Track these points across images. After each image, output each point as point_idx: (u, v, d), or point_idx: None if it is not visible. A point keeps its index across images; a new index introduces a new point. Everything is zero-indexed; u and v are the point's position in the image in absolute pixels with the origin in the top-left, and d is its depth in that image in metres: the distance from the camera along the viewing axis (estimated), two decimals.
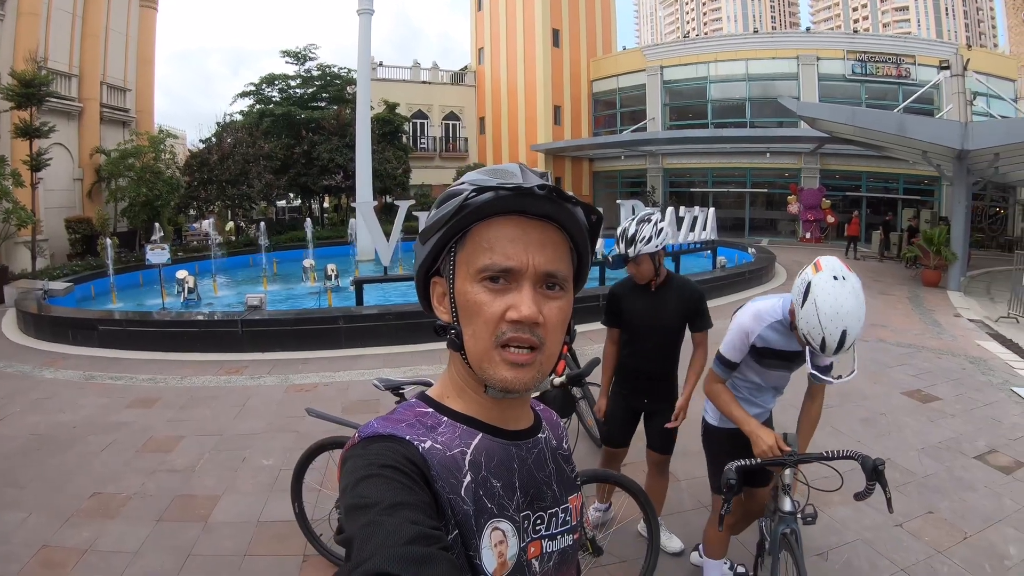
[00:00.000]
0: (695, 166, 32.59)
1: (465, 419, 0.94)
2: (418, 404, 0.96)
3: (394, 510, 0.73)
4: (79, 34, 21.68)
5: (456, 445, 0.90)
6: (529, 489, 0.96)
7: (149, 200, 20.40)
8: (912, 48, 29.49)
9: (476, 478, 0.89)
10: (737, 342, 2.77)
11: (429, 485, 0.83)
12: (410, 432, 0.88)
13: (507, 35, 36.29)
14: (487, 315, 0.88)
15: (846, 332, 2.34)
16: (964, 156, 14.10)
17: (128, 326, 8.78)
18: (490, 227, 0.89)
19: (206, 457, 4.86)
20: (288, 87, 28.44)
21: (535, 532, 0.96)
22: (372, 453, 0.83)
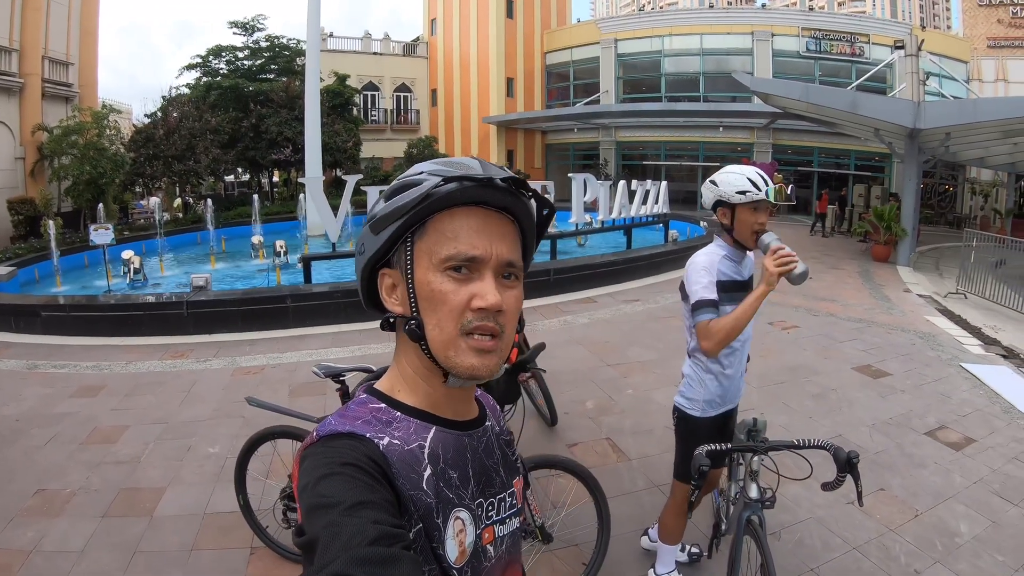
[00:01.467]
0: (648, 139, 32.82)
1: (418, 413, 0.94)
2: (370, 400, 0.95)
3: (356, 510, 0.73)
4: (19, 6, 20.76)
5: (413, 439, 0.90)
6: (481, 477, 0.98)
7: (93, 178, 19.69)
8: (866, 27, 29.83)
9: (435, 470, 0.90)
10: (707, 279, 2.71)
11: (390, 482, 0.83)
12: (368, 429, 0.88)
13: (460, 6, 35.84)
14: (452, 304, 0.89)
15: (759, 173, 2.66)
16: (916, 135, 14.37)
17: (72, 311, 8.50)
18: (453, 217, 0.90)
19: (151, 447, 4.79)
20: (236, 59, 27.64)
21: (487, 518, 0.98)
22: (332, 451, 0.83)
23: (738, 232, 2.73)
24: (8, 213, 19.00)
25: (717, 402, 2.90)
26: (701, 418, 2.91)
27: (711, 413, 2.90)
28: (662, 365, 6.64)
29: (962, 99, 22.65)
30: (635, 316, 8.87)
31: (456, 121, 36.93)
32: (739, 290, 2.77)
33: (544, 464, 3.14)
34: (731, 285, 2.76)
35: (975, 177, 29.21)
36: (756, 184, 2.63)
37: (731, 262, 2.77)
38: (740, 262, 2.81)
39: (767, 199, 2.64)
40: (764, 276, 2.53)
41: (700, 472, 2.26)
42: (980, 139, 15.64)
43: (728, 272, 2.75)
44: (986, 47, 29.65)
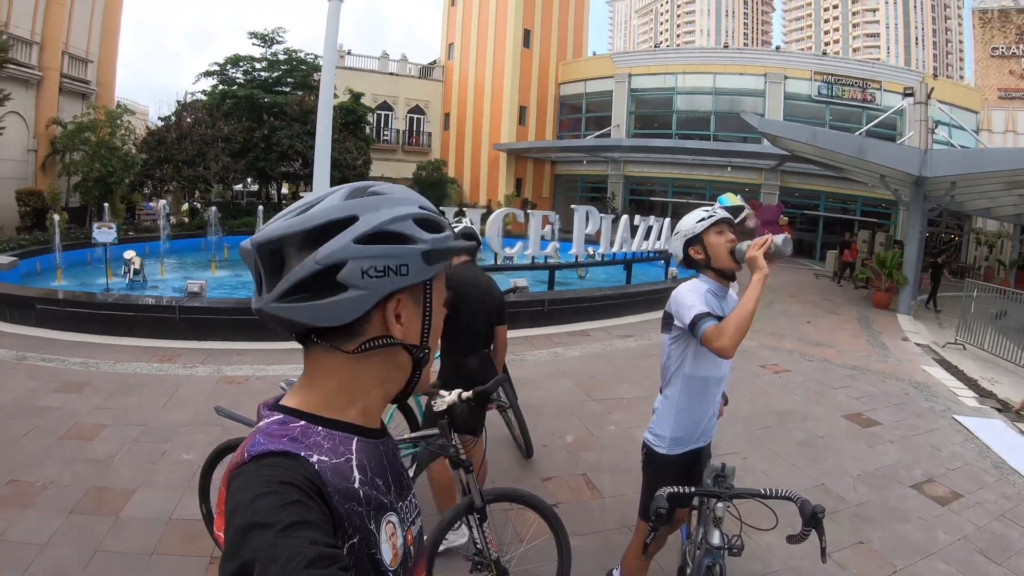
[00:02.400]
0: (657, 175, 32.99)
1: (338, 425, 0.94)
2: (289, 419, 0.92)
3: (293, 530, 0.72)
4: (44, 0, 20.94)
5: (340, 453, 0.91)
6: (396, 481, 1.01)
7: (102, 176, 19.80)
8: (879, 74, 30.22)
9: (365, 479, 0.92)
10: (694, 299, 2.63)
11: (325, 500, 0.82)
12: (299, 447, 0.87)
13: (478, 32, 36.27)
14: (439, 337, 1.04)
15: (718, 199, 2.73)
16: (922, 183, 14.37)
17: (66, 306, 8.51)
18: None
19: (127, 448, 4.76)
20: (253, 69, 27.86)
21: (407, 521, 1.01)
22: (265, 470, 0.82)
23: (715, 259, 2.72)
24: (16, 204, 19.13)
25: (684, 439, 2.82)
26: (666, 455, 2.83)
27: (677, 451, 2.82)
28: (648, 403, 6.43)
29: (969, 149, 22.73)
30: (627, 351, 8.81)
31: (467, 146, 37.19)
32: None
33: (503, 497, 3.08)
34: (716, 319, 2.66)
35: (980, 227, 29.30)
36: (707, 210, 2.76)
37: (714, 297, 2.71)
38: (724, 297, 2.76)
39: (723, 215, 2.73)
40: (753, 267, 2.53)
41: (657, 514, 2.20)
42: (986, 189, 15.63)
43: (711, 306, 2.64)
44: (997, 98, 29.96)
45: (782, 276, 21.14)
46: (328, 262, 0.88)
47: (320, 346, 0.95)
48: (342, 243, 0.89)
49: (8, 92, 16.95)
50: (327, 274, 0.89)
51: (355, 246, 0.89)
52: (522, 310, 9.67)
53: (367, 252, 0.90)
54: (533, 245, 11.83)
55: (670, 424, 2.81)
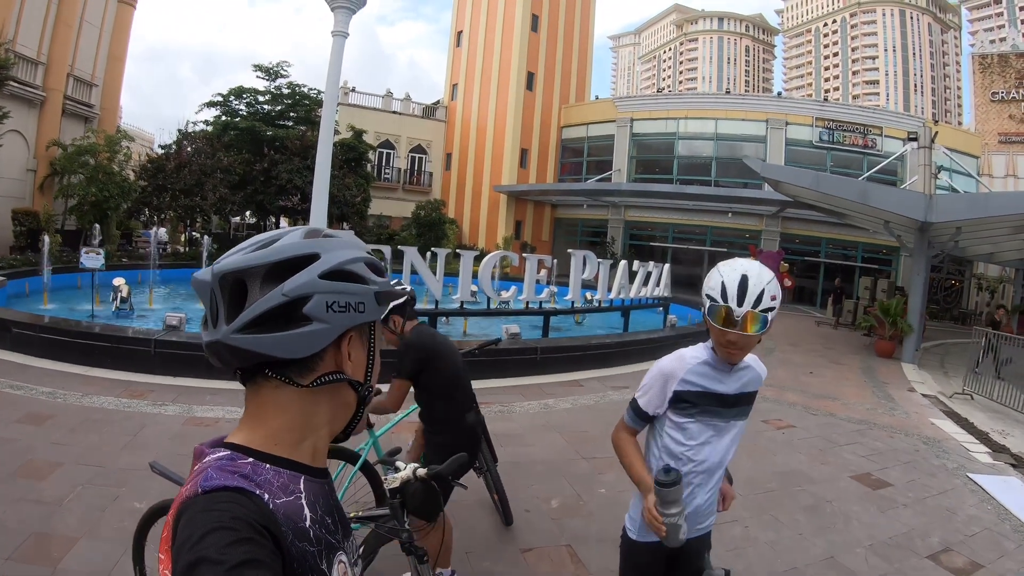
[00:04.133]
0: (657, 220, 32.96)
1: (287, 463, 0.94)
2: (237, 456, 0.92)
3: (242, 569, 0.71)
4: (52, 21, 21.22)
5: (290, 491, 0.91)
6: (341, 521, 1.02)
7: (99, 200, 19.65)
8: (880, 120, 30.45)
9: (315, 518, 0.92)
10: (654, 386, 2.31)
11: (277, 540, 0.82)
12: (251, 484, 0.86)
13: (482, 73, 36.54)
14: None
15: (746, 276, 2.10)
16: (926, 228, 14.19)
17: (42, 332, 8.22)
18: None
19: (78, 491, 4.43)
20: (256, 102, 27.98)
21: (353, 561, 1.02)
22: (218, 505, 0.81)
23: (714, 341, 2.26)
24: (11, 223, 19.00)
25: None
26: (638, 541, 2.42)
27: (649, 539, 2.35)
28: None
29: (974, 193, 22.64)
30: (621, 405, 8.25)
31: (468, 187, 37.21)
32: (716, 404, 2.29)
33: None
34: (702, 397, 2.28)
35: (982, 273, 29.24)
36: (725, 293, 2.12)
37: (711, 369, 2.28)
38: (727, 372, 2.29)
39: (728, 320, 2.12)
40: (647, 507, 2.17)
41: None
42: (990, 234, 15.52)
43: (700, 382, 2.27)
44: (997, 142, 30.11)
45: (782, 323, 20.82)
46: (295, 294, 0.91)
47: (271, 381, 0.96)
48: (309, 277, 0.92)
49: (7, 110, 16.87)
50: (293, 307, 0.91)
51: (321, 281, 0.93)
52: (514, 358, 9.35)
53: (332, 287, 0.93)
54: (528, 289, 11.55)
55: (633, 503, 2.45)
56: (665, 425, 2.34)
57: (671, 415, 2.31)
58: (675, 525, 2.07)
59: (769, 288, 2.10)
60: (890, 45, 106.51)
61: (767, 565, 4.16)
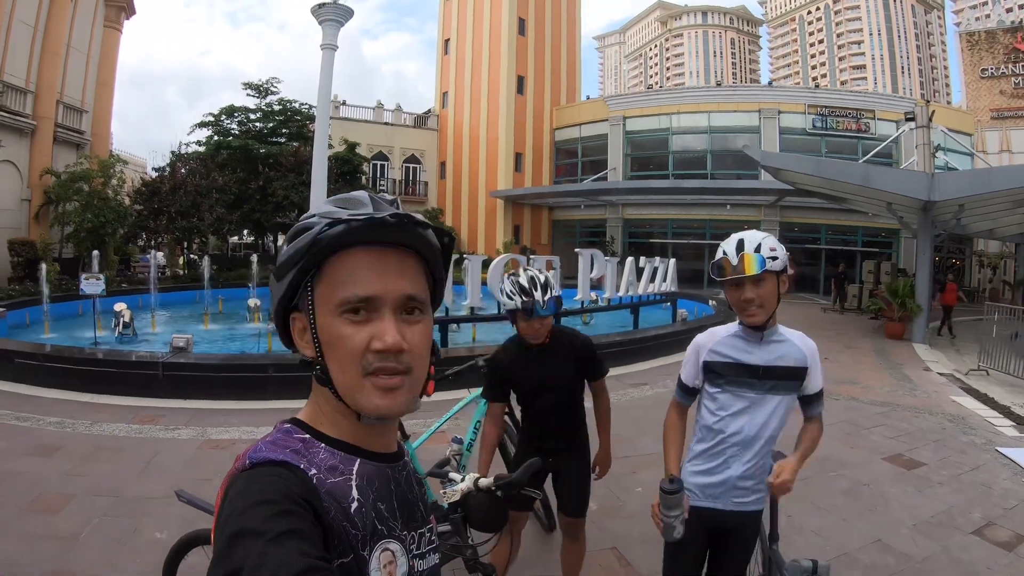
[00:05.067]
0: (655, 217, 32.83)
1: (341, 444, 0.93)
2: (295, 430, 0.93)
3: (283, 539, 0.72)
4: (39, 49, 21.14)
5: (340, 471, 0.90)
6: (404, 510, 0.98)
7: (95, 227, 19.54)
8: (872, 103, 30.60)
9: (365, 502, 0.90)
10: (690, 359, 2.50)
11: (318, 514, 0.82)
12: (299, 460, 0.87)
13: (472, 80, 36.47)
14: (351, 347, 0.89)
15: (743, 240, 2.29)
16: (930, 207, 14.15)
17: (46, 361, 8.05)
18: (346, 259, 0.90)
19: (95, 523, 4.23)
20: (248, 120, 27.91)
21: (410, 552, 0.96)
22: (263, 478, 0.82)
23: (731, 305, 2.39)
24: (8, 254, 18.88)
25: (696, 493, 2.50)
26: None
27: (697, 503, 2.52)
28: None
29: (976, 169, 22.65)
30: (643, 402, 8.31)
31: (464, 194, 37.10)
32: (744, 375, 2.39)
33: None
34: (731, 368, 2.40)
35: (982, 250, 29.22)
36: (726, 252, 2.31)
37: (741, 341, 2.41)
38: (757, 343, 2.39)
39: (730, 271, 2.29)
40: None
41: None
42: (991, 210, 15.53)
43: (729, 352, 2.40)
44: (989, 119, 30.17)
45: (789, 310, 20.72)
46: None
47: None
48: None
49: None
50: None
51: None
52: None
53: None
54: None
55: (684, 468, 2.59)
56: (702, 396, 2.51)
57: (706, 386, 2.47)
58: (671, 526, 2.29)
59: (767, 241, 2.28)
60: (875, 28, 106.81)
61: (818, 552, 4.05)
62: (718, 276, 2.31)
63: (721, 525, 2.51)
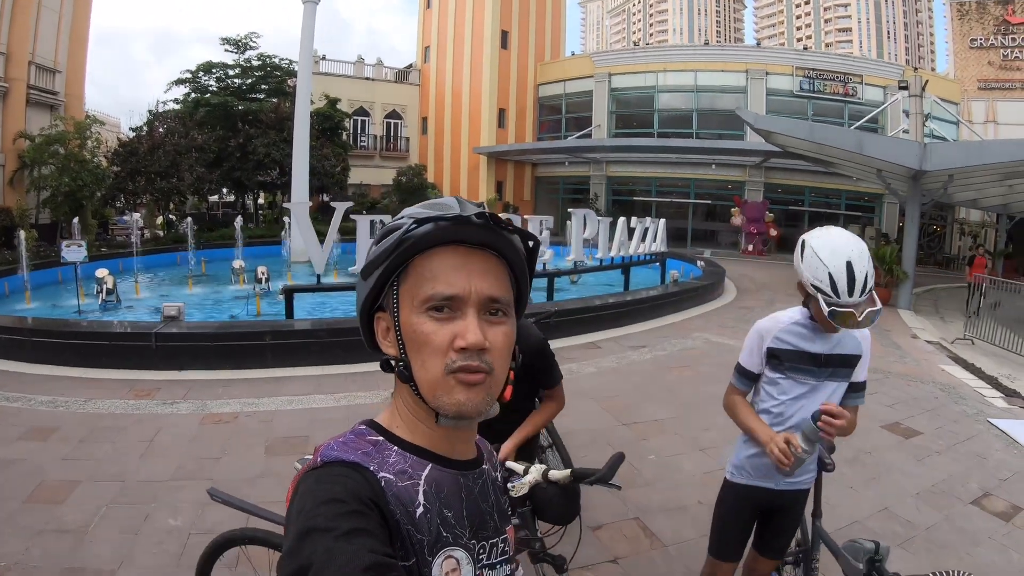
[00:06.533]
0: (639, 175, 32.66)
1: (414, 449, 0.94)
2: (369, 432, 0.95)
3: (352, 536, 0.73)
4: (9, 7, 20.22)
5: (409, 476, 0.90)
6: (475, 519, 0.97)
7: (73, 191, 19.02)
8: (860, 68, 30.48)
9: (431, 508, 0.90)
10: (752, 345, 2.53)
11: (385, 515, 0.83)
12: (369, 461, 0.88)
13: (455, 34, 35.69)
14: (435, 344, 0.89)
15: (851, 264, 2.20)
16: (920, 176, 14.19)
17: (32, 335, 7.74)
18: (431, 258, 0.92)
19: (103, 512, 4.04)
20: (226, 76, 27.14)
21: (478, 562, 0.96)
22: (333, 477, 0.84)
23: (813, 314, 2.36)
24: None
25: (748, 471, 2.59)
26: (730, 481, 2.67)
27: (739, 480, 2.62)
28: (682, 425, 6.09)
29: (968, 141, 22.69)
30: (643, 365, 8.33)
31: (446, 150, 36.60)
32: (809, 363, 2.42)
33: None
34: (795, 355, 2.43)
35: (964, 218, 29.46)
36: (836, 288, 2.20)
37: (804, 329, 2.44)
38: (819, 332, 2.42)
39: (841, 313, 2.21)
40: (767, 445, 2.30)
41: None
42: (977, 181, 15.58)
43: (793, 341, 2.43)
44: (976, 88, 30.14)
45: (775, 272, 20.94)
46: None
47: None
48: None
49: None
50: None
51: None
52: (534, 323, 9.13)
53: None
54: None
55: (738, 448, 2.67)
56: (762, 381, 2.54)
57: (767, 371, 2.50)
58: (801, 460, 2.19)
59: (869, 268, 2.23)
60: None
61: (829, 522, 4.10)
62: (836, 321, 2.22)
63: (772, 503, 2.59)
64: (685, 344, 9.63)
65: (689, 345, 9.58)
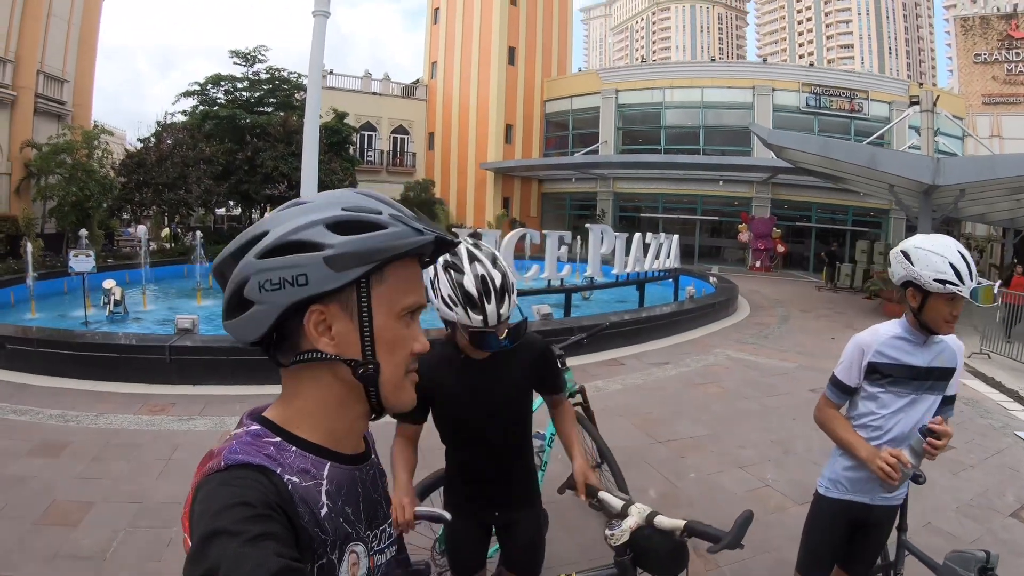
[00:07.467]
0: (646, 191, 32.60)
1: (312, 447, 0.93)
2: (265, 433, 0.92)
3: (259, 541, 0.72)
4: (19, 16, 20.21)
5: (311, 475, 0.90)
6: (368, 510, 1.00)
7: (80, 200, 18.93)
8: (865, 84, 30.58)
9: (334, 506, 0.91)
10: (852, 359, 2.50)
11: (291, 520, 0.83)
12: (274, 464, 0.87)
13: (462, 50, 35.77)
14: (408, 349, 0.95)
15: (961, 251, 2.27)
16: (932, 191, 14.14)
17: (41, 346, 7.54)
18: (407, 266, 0.94)
19: (121, 536, 3.79)
20: (235, 89, 27.15)
21: (371, 549, 0.99)
22: (238, 480, 0.82)
23: (928, 318, 2.34)
24: None
25: (843, 486, 2.56)
26: (824, 496, 2.63)
27: (834, 495, 2.58)
28: (717, 442, 5.94)
29: (980, 156, 22.68)
30: (669, 381, 8.21)
31: (453, 165, 36.54)
32: (911, 377, 2.41)
33: None
34: (897, 369, 2.42)
35: (970, 232, 29.41)
36: (959, 274, 2.24)
37: (905, 343, 2.43)
38: (921, 344, 2.41)
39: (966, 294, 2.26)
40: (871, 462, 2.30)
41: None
42: (988, 195, 15.56)
43: (895, 355, 2.42)
44: (981, 104, 30.23)
45: (784, 288, 20.83)
46: (236, 280, 0.88)
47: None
48: (247, 260, 0.88)
49: None
50: (240, 291, 0.88)
51: (256, 261, 0.87)
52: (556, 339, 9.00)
53: (264, 266, 0.87)
54: (549, 267, 11.07)
55: (831, 463, 2.65)
56: (859, 395, 2.52)
57: (865, 385, 2.48)
58: (907, 475, 2.24)
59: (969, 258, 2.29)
60: (863, 8, 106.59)
61: None
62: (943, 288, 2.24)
63: (865, 518, 2.55)
64: (707, 360, 9.50)
65: (711, 361, 9.45)
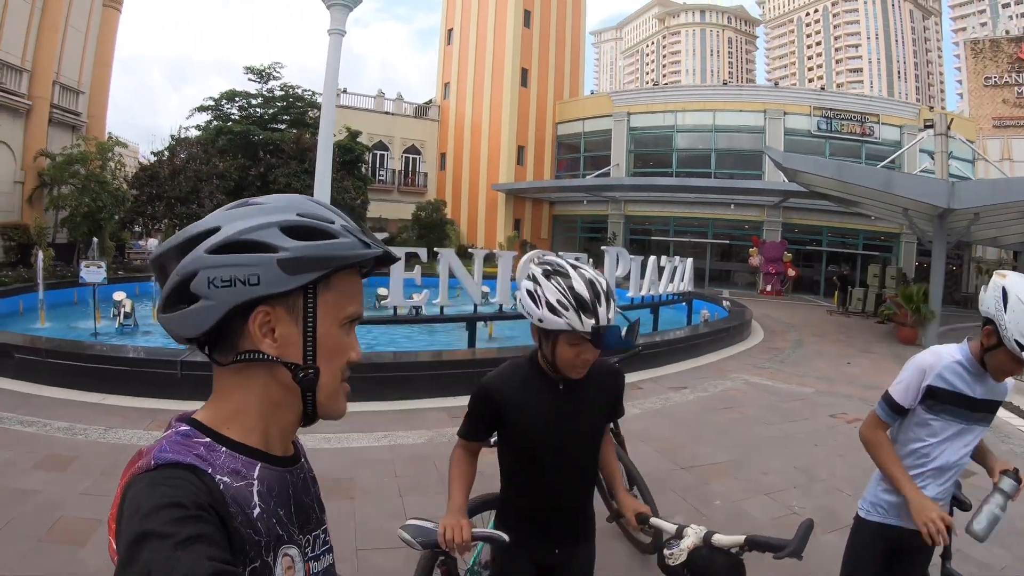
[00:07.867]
0: (657, 214, 32.57)
1: (242, 448, 0.92)
2: (195, 433, 0.91)
3: (191, 544, 0.71)
4: (36, 27, 20.40)
5: (242, 476, 0.89)
6: (301, 514, 0.99)
7: (92, 211, 18.95)
8: (876, 108, 30.72)
9: (265, 508, 0.90)
10: (911, 380, 2.40)
11: (224, 521, 0.81)
12: (204, 463, 0.86)
13: (475, 71, 36.06)
14: (345, 358, 0.97)
15: None
16: (946, 215, 14.05)
17: (49, 356, 7.44)
18: (352, 275, 0.97)
19: None
20: (249, 105, 27.36)
21: (305, 555, 0.97)
22: (168, 480, 0.81)
23: (992, 362, 2.27)
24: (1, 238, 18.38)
25: (883, 509, 2.51)
26: (864, 519, 2.57)
27: (874, 518, 2.53)
28: (741, 468, 5.78)
29: (994, 179, 22.65)
30: (688, 406, 8.06)
31: (464, 186, 36.67)
32: (964, 407, 2.34)
33: None
34: (952, 398, 2.34)
35: (980, 256, 29.28)
36: None
37: (964, 371, 2.33)
38: (979, 375, 2.32)
39: None
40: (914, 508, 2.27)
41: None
42: (1000, 219, 15.48)
43: (954, 382, 2.32)
44: (991, 127, 30.25)
45: (797, 313, 20.67)
46: (182, 273, 0.88)
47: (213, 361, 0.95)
48: (197, 254, 0.87)
49: None
50: (185, 285, 0.87)
51: (207, 256, 0.87)
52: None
53: (215, 262, 0.87)
54: None
55: (873, 486, 2.58)
56: (912, 420, 2.44)
57: (920, 411, 2.40)
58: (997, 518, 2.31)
59: None
60: (872, 33, 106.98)
61: None
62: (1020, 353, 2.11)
63: (906, 543, 2.50)
64: (725, 385, 9.34)
65: (729, 386, 9.29)
